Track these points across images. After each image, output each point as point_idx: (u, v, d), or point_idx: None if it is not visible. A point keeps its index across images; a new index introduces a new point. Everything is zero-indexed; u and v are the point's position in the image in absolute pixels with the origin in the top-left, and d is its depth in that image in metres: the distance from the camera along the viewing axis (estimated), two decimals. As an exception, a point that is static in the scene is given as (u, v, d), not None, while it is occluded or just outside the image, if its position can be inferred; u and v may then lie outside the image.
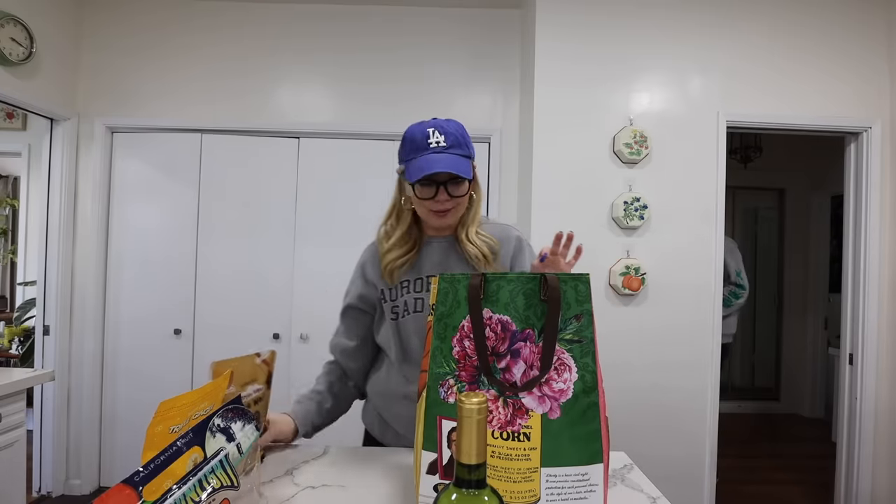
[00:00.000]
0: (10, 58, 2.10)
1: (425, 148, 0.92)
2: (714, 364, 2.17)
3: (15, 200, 4.04)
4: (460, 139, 0.94)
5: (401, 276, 1.01)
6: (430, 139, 0.92)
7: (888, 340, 2.20)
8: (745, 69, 2.20)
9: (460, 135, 0.95)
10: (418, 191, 0.94)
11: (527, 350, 0.69)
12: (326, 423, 1.06)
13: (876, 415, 2.19)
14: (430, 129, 0.93)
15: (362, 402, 1.17)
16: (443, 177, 0.92)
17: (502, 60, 2.55)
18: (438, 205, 0.95)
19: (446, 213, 0.96)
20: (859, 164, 2.26)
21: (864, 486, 2.18)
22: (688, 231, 2.17)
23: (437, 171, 0.90)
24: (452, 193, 0.94)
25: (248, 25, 2.54)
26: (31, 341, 2.84)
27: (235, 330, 2.49)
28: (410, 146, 0.94)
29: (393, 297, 1.02)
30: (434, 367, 0.71)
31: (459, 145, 0.94)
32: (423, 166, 0.90)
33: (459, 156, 0.93)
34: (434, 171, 0.89)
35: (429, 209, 0.96)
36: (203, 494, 0.52)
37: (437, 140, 0.92)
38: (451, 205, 0.96)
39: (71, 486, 2.48)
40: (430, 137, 0.92)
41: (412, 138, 0.94)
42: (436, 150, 0.92)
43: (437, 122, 0.95)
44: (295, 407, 1.04)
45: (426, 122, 0.96)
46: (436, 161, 0.90)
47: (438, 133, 0.92)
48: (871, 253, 2.21)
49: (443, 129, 0.93)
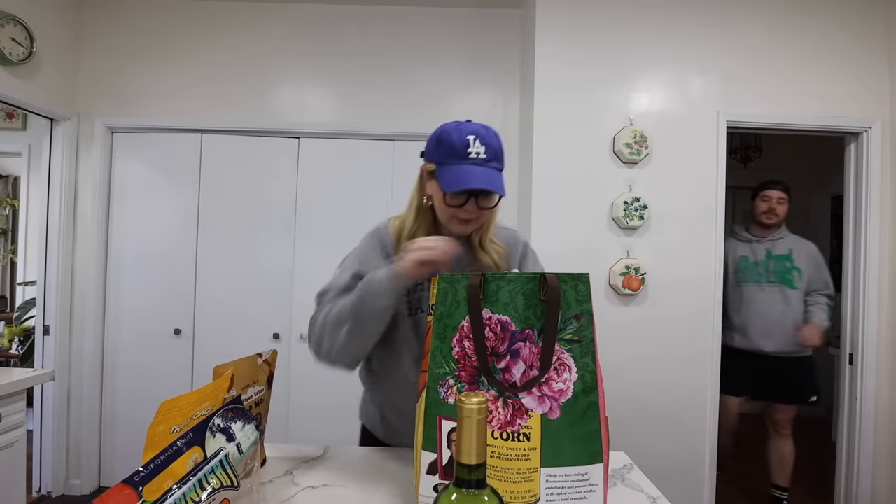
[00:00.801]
0: (10, 58, 2.10)
1: (464, 157, 0.88)
2: (714, 363, 2.17)
3: (15, 200, 4.04)
4: (499, 152, 0.92)
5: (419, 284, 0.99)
6: (469, 148, 0.88)
7: (888, 340, 2.21)
8: (745, 69, 2.20)
9: (499, 148, 0.92)
10: (448, 198, 0.91)
11: (526, 350, 0.69)
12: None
13: (876, 415, 2.19)
14: (471, 136, 0.89)
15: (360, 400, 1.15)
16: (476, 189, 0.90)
17: (502, 61, 2.55)
18: (465, 213, 0.93)
19: (469, 223, 0.95)
20: (859, 164, 2.26)
21: (864, 486, 2.18)
22: (688, 231, 2.17)
23: (476, 187, 0.87)
24: (482, 205, 0.93)
25: (248, 26, 2.53)
26: (31, 341, 2.84)
27: (235, 330, 2.49)
28: (447, 150, 0.90)
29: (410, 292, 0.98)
30: (434, 368, 0.71)
31: (497, 158, 0.92)
32: (461, 179, 0.87)
33: (496, 170, 0.91)
34: (473, 187, 0.87)
35: (453, 215, 0.94)
36: (203, 494, 0.52)
37: (478, 151, 0.89)
38: (477, 215, 0.95)
39: (71, 486, 2.48)
40: (470, 146, 0.89)
41: (449, 142, 0.90)
42: (475, 161, 0.89)
43: (478, 130, 0.91)
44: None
45: (464, 124, 0.92)
46: (475, 176, 0.88)
47: (479, 143, 0.89)
48: (871, 253, 2.21)
49: (484, 139, 0.90)
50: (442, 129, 0.93)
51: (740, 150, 4.02)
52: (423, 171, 0.98)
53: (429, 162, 0.95)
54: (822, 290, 2.40)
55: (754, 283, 2.37)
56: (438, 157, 0.92)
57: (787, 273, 2.35)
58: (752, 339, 2.35)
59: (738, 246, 2.46)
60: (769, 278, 2.35)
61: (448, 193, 0.90)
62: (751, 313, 2.35)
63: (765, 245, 2.42)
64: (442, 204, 0.94)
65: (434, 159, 0.93)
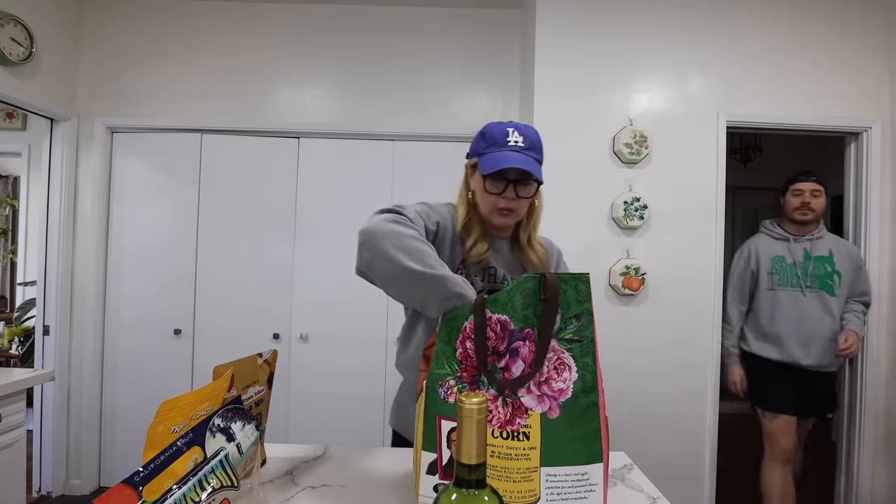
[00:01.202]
0: (10, 58, 2.10)
1: (503, 144, 0.95)
2: (714, 364, 2.17)
3: (15, 200, 4.04)
4: (536, 143, 0.97)
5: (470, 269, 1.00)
6: (508, 137, 0.95)
7: (888, 340, 2.20)
8: (745, 69, 2.20)
9: (537, 139, 0.98)
10: (489, 184, 0.96)
11: (525, 349, 0.69)
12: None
13: (876, 415, 2.19)
14: (510, 128, 0.96)
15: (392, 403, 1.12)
16: (513, 175, 0.95)
17: (502, 61, 2.55)
18: (505, 201, 0.96)
19: (510, 213, 0.98)
20: (859, 164, 2.26)
21: (864, 486, 2.18)
22: (688, 231, 2.17)
23: (513, 166, 0.92)
24: (520, 193, 0.96)
25: (249, 26, 2.54)
26: (31, 341, 2.84)
27: (235, 330, 2.49)
28: (488, 140, 0.96)
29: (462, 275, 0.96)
30: (434, 368, 0.71)
31: (535, 149, 0.97)
32: (500, 160, 0.93)
33: (534, 158, 0.96)
34: (510, 166, 0.91)
35: (493, 205, 0.98)
36: (203, 494, 0.52)
37: (516, 140, 0.95)
38: (517, 205, 0.98)
39: (71, 486, 2.48)
40: (509, 136, 0.95)
41: (491, 134, 0.96)
42: (514, 148, 0.94)
43: (517, 124, 0.98)
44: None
45: (507, 122, 0.99)
46: (513, 158, 0.93)
47: (518, 133, 0.96)
48: (871, 253, 2.21)
49: (522, 131, 0.96)
50: (485, 126, 0.99)
51: (740, 150, 4.02)
52: (467, 167, 1.04)
53: (472, 157, 1.01)
54: (860, 297, 2.12)
55: (791, 287, 2.07)
56: (480, 149, 0.97)
57: (827, 277, 2.06)
58: (788, 350, 2.04)
59: (771, 244, 2.17)
60: (808, 283, 2.05)
61: (488, 181, 0.95)
62: (786, 321, 2.05)
63: (802, 244, 2.14)
64: (483, 194, 0.98)
65: (476, 152, 0.99)
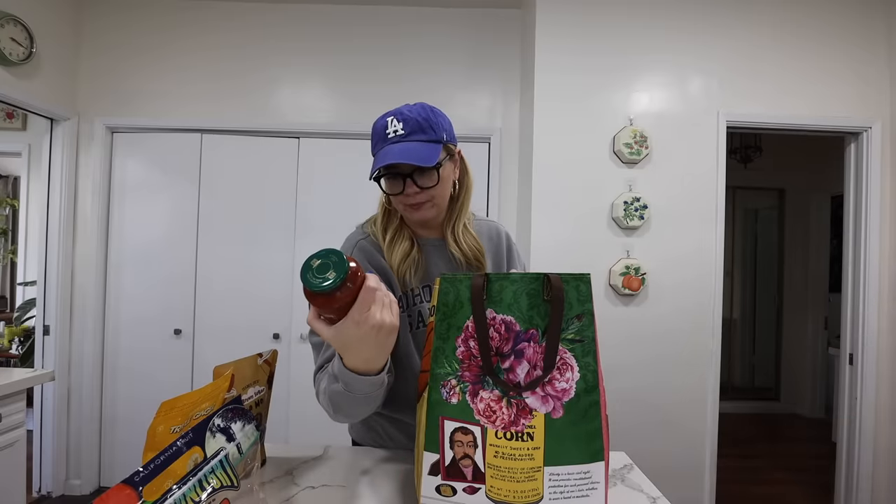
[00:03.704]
0: (10, 58, 2.10)
1: (384, 139, 0.84)
2: (714, 364, 2.17)
3: (15, 200, 4.04)
4: (422, 123, 0.84)
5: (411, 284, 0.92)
6: (388, 129, 0.84)
7: (888, 340, 2.20)
8: (746, 69, 2.20)
9: (423, 118, 0.84)
10: (386, 185, 0.87)
11: (530, 350, 0.68)
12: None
13: (876, 415, 2.19)
14: (390, 118, 0.84)
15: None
16: (406, 168, 0.84)
17: (502, 60, 2.55)
18: (408, 198, 0.87)
19: (420, 206, 0.88)
20: (859, 164, 2.26)
21: (864, 486, 2.18)
22: (688, 231, 2.17)
23: (388, 163, 0.81)
24: (422, 185, 0.85)
25: (249, 26, 2.54)
26: (31, 341, 2.84)
27: (235, 330, 2.49)
28: (373, 140, 0.87)
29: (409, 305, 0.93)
30: (435, 368, 0.71)
31: (422, 130, 0.83)
32: (377, 161, 0.83)
33: (422, 142, 0.83)
34: (385, 164, 0.81)
35: (401, 203, 0.89)
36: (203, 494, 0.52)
37: (395, 129, 0.83)
38: (424, 197, 0.87)
39: (71, 486, 2.47)
40: (388, 127, 0.84)
41: (374, 131, 0.86)
42: (393, 140, 0.83)
43: (399, 109, 0.86)
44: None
45: (391, 110, 0.87)
46: (388, 153, 0.82)
47: (397, 121, 0.83)
48: (871, 253, 2.21)
49: (402, 115, 0.84)
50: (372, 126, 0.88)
51: (740, 150, 4.02)
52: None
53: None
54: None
55: None
56: (373, 151, 0.88)
57: None
58: None
59: None
60: None
61: (384, 182, 0.86)
62: None
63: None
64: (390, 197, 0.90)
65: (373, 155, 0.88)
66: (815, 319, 4.17)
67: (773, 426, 3.99)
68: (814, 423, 4.03)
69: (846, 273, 2.31)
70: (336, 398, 0.74)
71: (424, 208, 0.89)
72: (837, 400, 2.37)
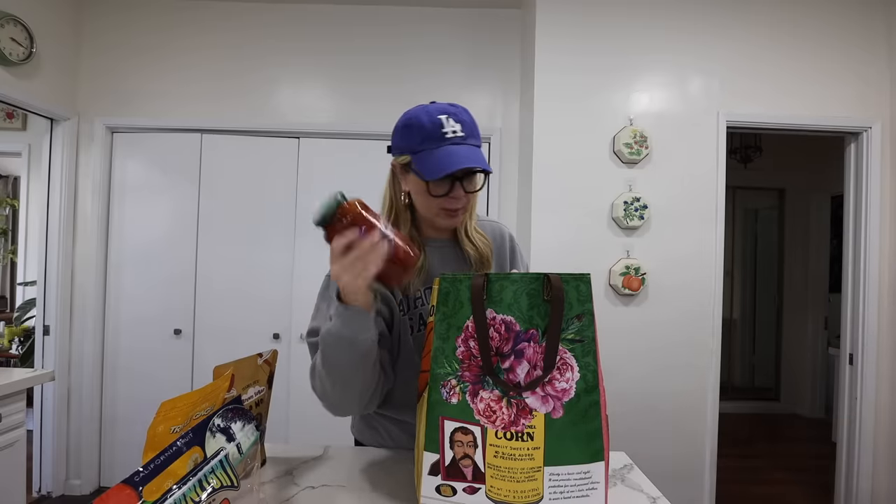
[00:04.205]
0: (10, 58, 2.10)
1: (440, 138, 0.79)
2: (714, 364, 2.17)
3: (15, 200, 4.04)
4: (474, 128, 0.83)
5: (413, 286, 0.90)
6: (444, 128, 0.80)
7: (888, 340, 2.20)
8: (746, 69, 2.20)
9: (473, 123, 0.83)
10: (433, 186, 0.81)
11: (531, 350, 0.68)
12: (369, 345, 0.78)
13: (876, 415, 2.19)
14: (443, 115, 0.80)
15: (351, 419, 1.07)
16: (460, 171, 0.80)
17: (502, 60, 2.56)
18: (453, 202, 0.84)
19: (457, 212, 0.86)
20: (859, 164, 2.26)
21: (864, 486, 2.18)
22: (688, 231, 2.17)
23: (467, 167, 0.77)
24: (468, 189, 0.84)
25: (249, 26, 2.54)
26: (31, 341, 2.84)
27: (235, 330, 2.49)
28: (420, 135, 0.81)
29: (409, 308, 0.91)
30: (435, 368, 0.71)
31: (474, 135, 0.83)
32: (445, 161, 0.78)
33: (477, 147, 0.82)
34: (464, 167, 0.77)
35: (440, 207, 0.84)
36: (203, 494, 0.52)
37: (454, 129, 0.80)
38: (466, 202, 0.86)
39: (71, 486, 2.47)
40: (444, 126, 0.80)
41: (420, 126, 0.81)
42: (454, 140, 0.80)
43: (447, 108, 0.83)
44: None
45: (429, 106, 0.83)
46: (460, 155, 0.78)
47: (453, 121, 0.80)
48: (871, 253, 2.21)
49: (457, 116, 0.81)
50: (407, 116, 0.84)
51: (740, 150, 4.03)
52: (396, 166, 0.89)
53: (401, 155, 0.85)
54: None
55: None
56: (411, 145, 0.82)
57: None
58: None
59: None
60: None
61: (432, 183, 0.81)
62: None
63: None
64: (426, 197, 0.84)
65: (407, 149, 0.83)
66: (815, 319, 4.17)
67: (773, 426, 3.99)
68: (814, 423, 4.03)
69: (846, 273, 2.31)
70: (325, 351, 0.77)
71: (460, 214, 0.87)
72: (837, 400, 2.37)
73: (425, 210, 0.88)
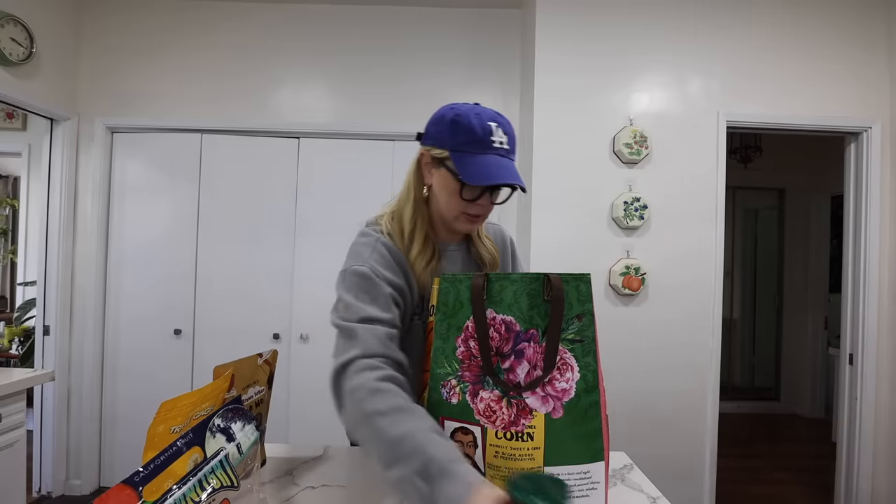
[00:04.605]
0: (10, 58, 2.10)
1: (488, 146, 0.79)
2: (714, 364, 2.17)
3: (15, 200, 4.04)
4: (515, 142, 0.84)
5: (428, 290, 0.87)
6: (493, 136, 0.79)
7: (888, 340, 2.20)
8: (746, 69, 2.20)
9: (514, 136, 0.84)
10: (466, 191, 0.81)
11: (531, 350, 0.68)
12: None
13: (876, 415, 2.19)
14: (493, 123, 0.80)
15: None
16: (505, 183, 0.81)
17: (502, 60, 2.55)
18: (479, 209, 0.84)
19: (478, 219, 0.87)
20: (859, 164, 2.26)
21: (864, 486, 2.18)
22: (688, 231, 2.17)
23: (512, 182, 0.78)
24: (495, 200, 0.86)
25: (249, 26, 2.53)
26: (31, 341, 2.84)
27: (235, 330, 2.49)
28: (467, 136, 0.79)
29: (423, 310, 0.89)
30: (435, 368, 0.71)
31: (514, 150, 0.84)
32: (494, 171, 0.78)
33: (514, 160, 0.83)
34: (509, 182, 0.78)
35: (463, 210, 0.84)
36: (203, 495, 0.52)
37: (501, 140, 0.80)
38: (489, 211, 0.87)
39: (71, 486, 2.47)
40: (493, 134, 0.79)
41: (469, 127, 0.79)
42: (500, 152, 0.80)
43: (496, 116, 0.82)
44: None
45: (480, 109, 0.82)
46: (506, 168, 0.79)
47: (502, 132, 0.80)
48: (871, 253, 2.21)
49: (504, 127, 0.81)
50: (456, 112, 0.81)
51: (740, 150, 4.02)
52: (427, 157, 0.85)
53: (439, 148, 0.82)
54: None
55: None
56: (454, 143, 0.80)
57: None
58: None
59: None
60: None
61: (467, 186, 0.80)
62: None
63: None
64: (453, 197, 0.83)
65: (448, 145, 0.80)
66: (815, 319, 4.17)
67: (773, 426, 3.99)
68: (814, 423, 4.03)
69: (846, 273, 2.31)
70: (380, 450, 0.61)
71: (479, 221, 0.88)
72: (837, 400, 2.37)
73: (447, 210, 0.86)
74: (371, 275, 0.79)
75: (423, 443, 0.57)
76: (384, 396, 0.64)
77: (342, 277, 0.82)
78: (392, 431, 0.60)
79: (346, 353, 0.71)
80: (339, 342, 0.75)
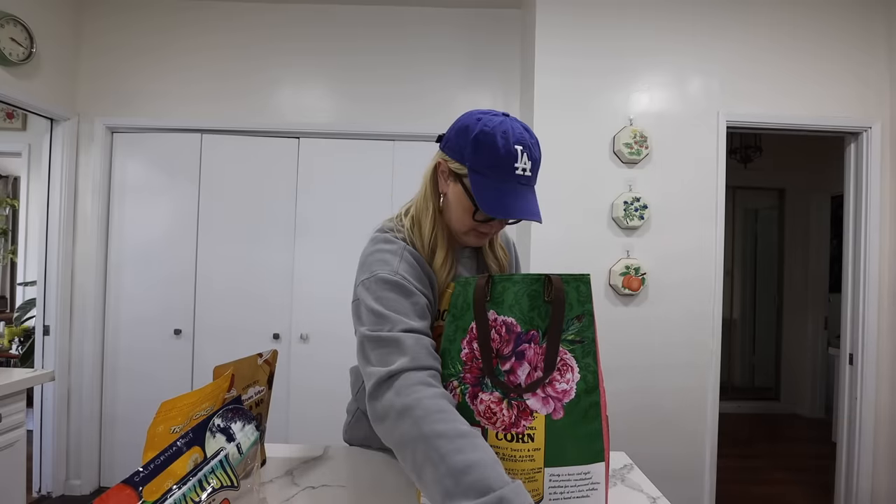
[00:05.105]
0: (10, 58, 2.10)
1: (510, 171, 0.74)
2: (714, 364, 2.17)
3: (15, 200, 4.04)
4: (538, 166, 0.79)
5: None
6: (517, 163, 0.74)
7: (888, 340, 2.20)
8: (745, 69, 2.20)
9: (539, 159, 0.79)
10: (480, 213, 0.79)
11: (531, 351, 0.68)
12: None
13: (876, 415, 2.19)
14: (519, 147, 0.74)
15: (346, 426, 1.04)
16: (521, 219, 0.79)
17: (502, 60, 2.55)
18: (489, 228, 0.84)
19: (487, 236, 0.87)
20: (859, 164, 2.26)
21: (864, 486, 2.18)
22: (688, 231, 2.17)
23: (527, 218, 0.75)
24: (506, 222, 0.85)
25: (249, 26, 2.53)
26: (31, 341, 2.84)
27: (235, 330, 2.49)
28: (490, 158, 0.74)
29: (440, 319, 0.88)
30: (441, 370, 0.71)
31: (536, 173, 0.79)
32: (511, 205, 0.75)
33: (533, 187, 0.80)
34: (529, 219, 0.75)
35: (473, 228, 0.83)
36: (203, 495, 0.52)
37: (524, 167, 0.75)
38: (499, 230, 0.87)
39: (71, 486, 2.47)
40: (518, 160, 0.74)
41: (493, 149, 0.74)
42: (522, 180, 0.76)
43: (524, 138, 0.76)
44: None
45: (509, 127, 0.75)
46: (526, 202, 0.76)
47: (527, 157, 0.75)
48: (871, 253, 2.21)
49: (531, 152, 0.76)
50: (482, 128, 0.75)
51: (740, 150, 4.02)
52: (445, 167, 0.82)
53: (458, 162, 0.79)
54: None
55: None
56: (474, 162, 0.76)
57: None
58: None
59: None
60: None
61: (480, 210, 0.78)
62: None
63: None
64: (466, 214, 0.81)
65: (468, 162, 0.77)
66: (815, 319, 4.17)
67: (773, 426, 3.99)
68: (814, 423, 4.03)
69: (846, 273, 2.31)
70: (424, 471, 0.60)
71: (489, 237, 0.89)
72: (837, 400, 2.37)
73: (458, 224, 0.84)
74: (406, 284, 0.76)
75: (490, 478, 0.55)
76: (444, 417, 0.61)
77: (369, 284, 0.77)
78: (456, 459, 0.57)
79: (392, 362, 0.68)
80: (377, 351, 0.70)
